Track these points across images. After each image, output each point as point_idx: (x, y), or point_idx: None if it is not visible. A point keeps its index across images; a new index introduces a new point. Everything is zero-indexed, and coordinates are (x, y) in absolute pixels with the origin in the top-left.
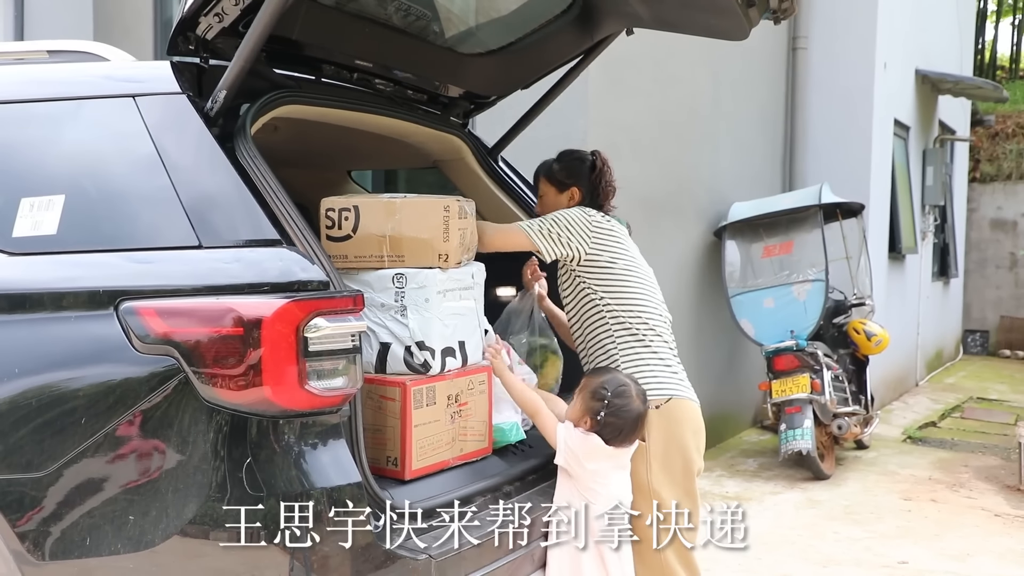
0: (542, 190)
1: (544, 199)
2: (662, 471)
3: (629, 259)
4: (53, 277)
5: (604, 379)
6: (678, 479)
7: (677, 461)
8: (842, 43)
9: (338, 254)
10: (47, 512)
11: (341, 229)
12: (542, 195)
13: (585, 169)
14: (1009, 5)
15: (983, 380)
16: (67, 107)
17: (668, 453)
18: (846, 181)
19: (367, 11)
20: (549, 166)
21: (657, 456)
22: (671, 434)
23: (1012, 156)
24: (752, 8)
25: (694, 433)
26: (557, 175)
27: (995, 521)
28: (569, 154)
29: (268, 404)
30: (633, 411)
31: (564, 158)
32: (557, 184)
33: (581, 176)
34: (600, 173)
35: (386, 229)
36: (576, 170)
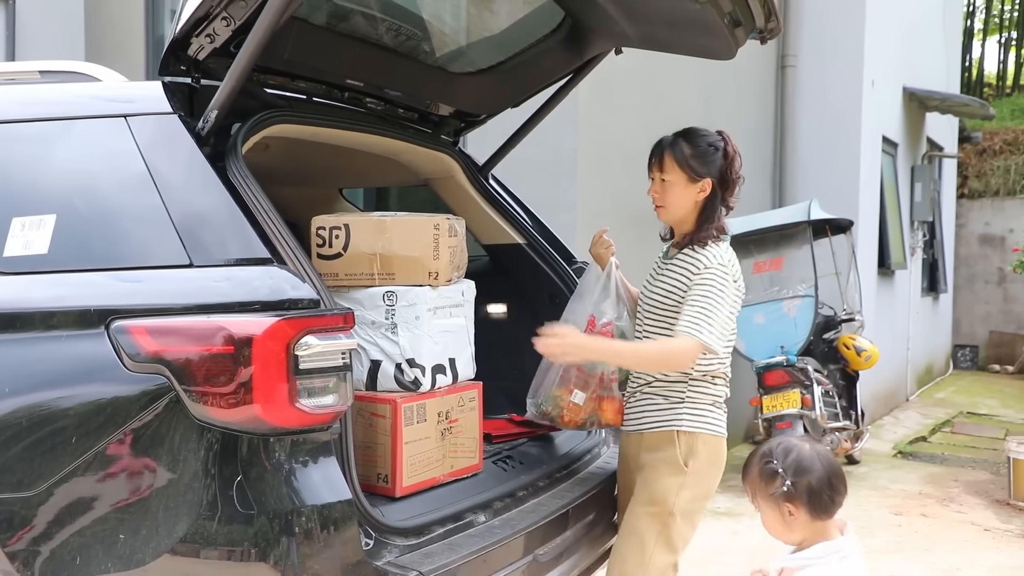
0: (670, 176)
1: (671, 189)
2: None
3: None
4: (44, 296)
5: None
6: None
7: (701, 499)
8: (830, 61)
9: (329, 272)
10: (37, 531)
11: (332, 247)
12: (670, 183)
13: (719, 159)
14: (996, 23)
15: (973, 395)
16: (58, 127)
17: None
18: (835, 197)
19: (358, 31)
20: (680, 148)
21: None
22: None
23: (1000, 172)
24: (739, 28)
25: (720, 473)
26: (691, 162)
27: (985, 535)
28: (701, 137)
29: (259, 422)
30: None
31: (697, 141)
32: (690, 172)
33: (715, 166)
34: (731, 162)
35: (376, 247)
36: (711, 159)
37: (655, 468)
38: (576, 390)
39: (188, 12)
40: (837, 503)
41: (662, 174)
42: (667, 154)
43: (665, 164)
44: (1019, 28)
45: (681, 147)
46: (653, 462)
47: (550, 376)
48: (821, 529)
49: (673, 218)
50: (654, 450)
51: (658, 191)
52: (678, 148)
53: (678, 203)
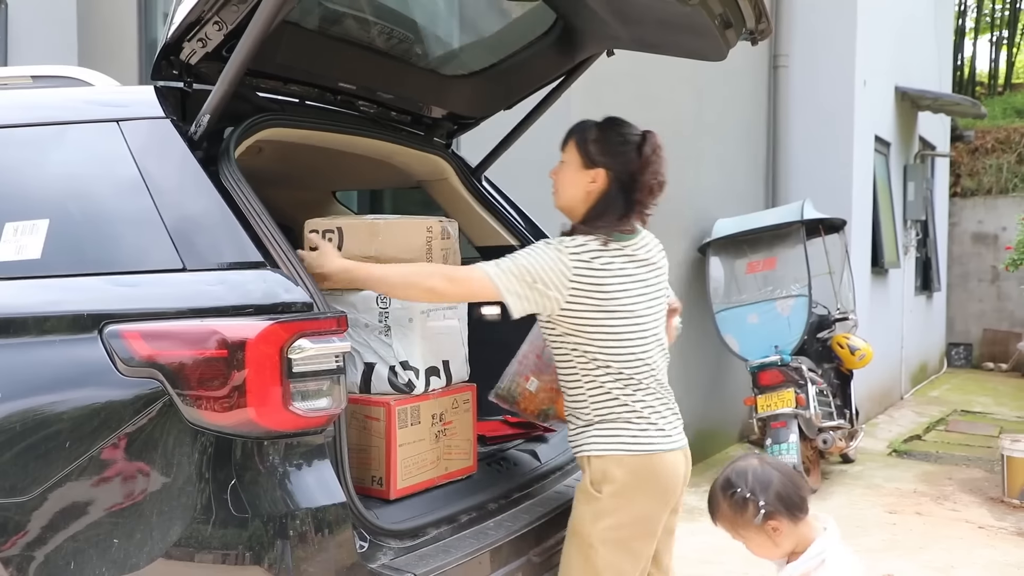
0: (566, 156)
1: (564, 168)
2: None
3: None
4: (37, 301)
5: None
6: (625, 541)
7: (629, 525)
8: (823, 61)
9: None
10: (31, 536)
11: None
12: (564, 162)
13: (628, 153)
14: (987, 23)
15: (967, 393)
16: (51, 132)
17: (622, 512)
18: (828, 197)
19: (350, 34)
20: (586, 131)
21: (608, 512)
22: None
23: (992, 171)
24: (729, 29)
25: (663, 492)
26: (590, 147)
27: (979, 533)
28: (615, 127)
29: (252, 425)
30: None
31: (607, 129)
32: (585, 157)
33: (618, 159)
34: (646, 162)
35: (370, 250)
36: (615, 150)
37: (576, 494)
38: (532, 377)
39: (180, 17)
40: (805, 497)
41: (563, 153)
42: (571, 133)
43: (566, 143)
44: (1010, 27)
45: (588, 131)
46: (577, 487)
47: (514, 364)
48: (805, 530)
49: (560, 204)
50: (580, 472)
51: (554, 172)
52: (584, 130)
53: (565, 189)
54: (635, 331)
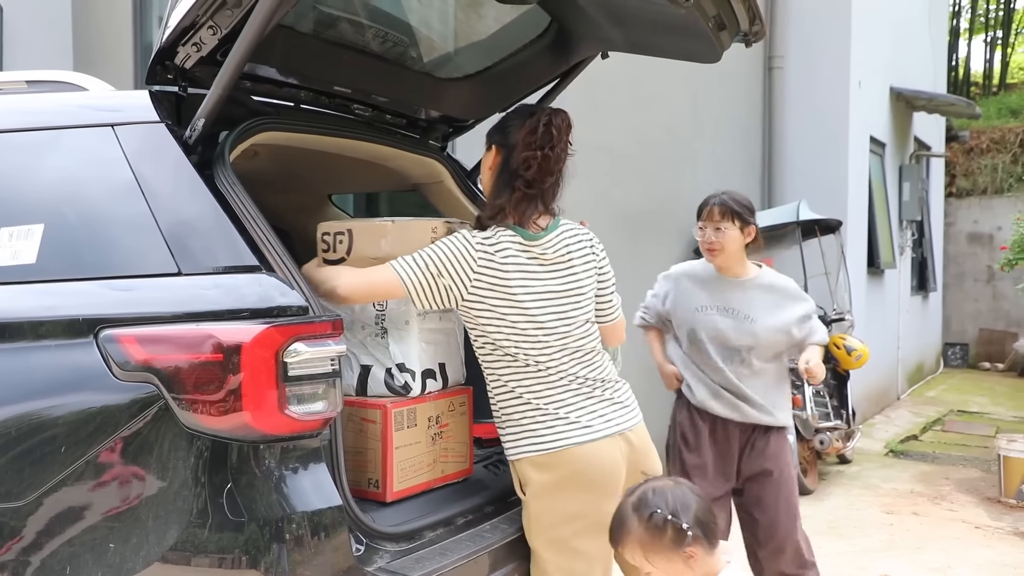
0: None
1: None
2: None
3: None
4: (32, 306)
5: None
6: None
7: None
8: (818, 62)
9: None
10: (27, 541)
11: (336, 252)
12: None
13: (515, 126)
14: (981, 23)
15: (964, 393)
16: (46, 137)
17: (550, 513)
18: (824, 198)
19: (345, 38)
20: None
21: (537, 516)
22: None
23: (987, 171)
24: (723, 32)
25: (594, 484)
26: (491, 130)
27: (976, 533)
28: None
29: (248, 429)
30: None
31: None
32: (487, 139)
33: (505, 132)
34: (527, 134)
35: (378, 251)
36: (505, 124)
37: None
38: None
39: (174, 21)
40: (719, 524)
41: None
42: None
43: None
44: (1004, 27)
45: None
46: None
47: None
48: (713, 560)
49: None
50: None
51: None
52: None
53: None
54: (536, 332)
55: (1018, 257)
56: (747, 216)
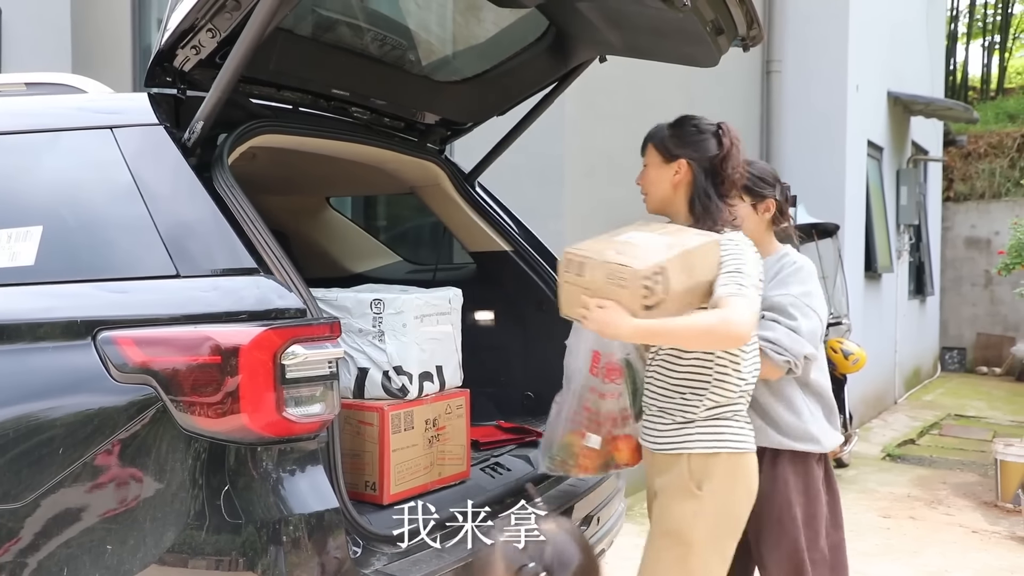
0: (647, 158)
1: (647, 170)
2: (712, 528)
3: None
4: (31, 308)
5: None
6: (720, 540)
7: (724, 524)
8: (815, 66)
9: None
10: (24, 543)
11: (656, 295)
12: (646, 164)
13: (705, 142)
14: (979, 27)
15: (961, 397)
16: (45, 139)
17: (726, 513)
18: (821, 201)
19: (343, 41)
20: (660, 130)
21: (713, 513)
22: (728, 494)
23: (984, 175)
24: (721, 36)
25: (751, 493)
26: (666, 142)
27: (972, 537)
28: (687, 121)
29: (246, 431)
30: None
31: (681, 123)
32: (663, 152)
33: (696, 148)
34: (728, 154)
35: (690, 280)
36: (690, 139)
37: (666, 494)
38: (589, 433)
39: (173, 24)
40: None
41: (643, 158)
42: (648, 137)
43: (646, 147)
44: (1002, 32)
45: (662, 129)
46: (664, 487)
47: (560, 424)
48: None
49: (653, 205)
50: (663, 472)
51: (640, 177)
52: (659, 130)
53: (652, 187)
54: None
55: (1015, 261)
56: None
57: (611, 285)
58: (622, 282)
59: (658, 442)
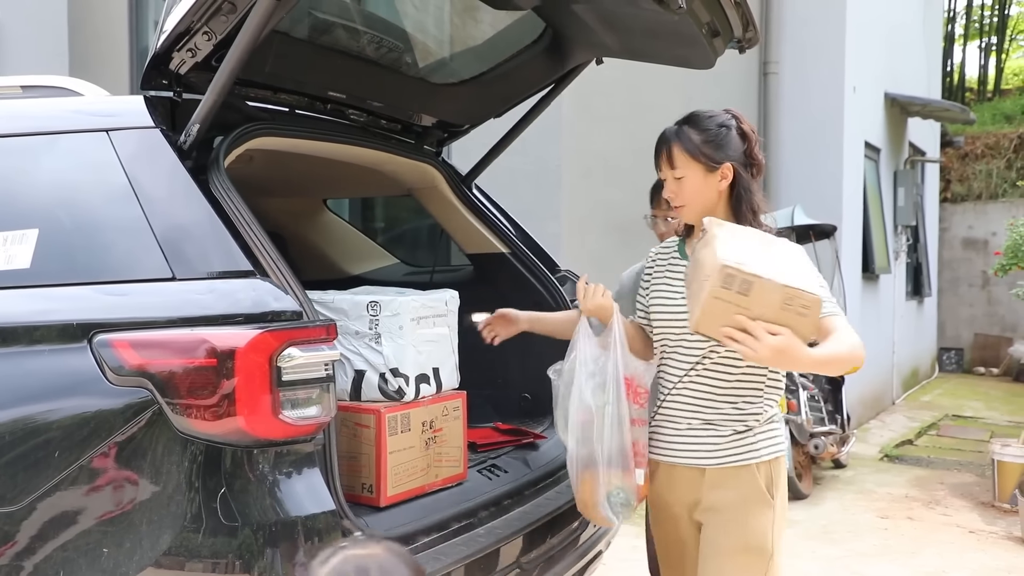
0: (683, 170)
1: (688, 185)
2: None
3: None
4: (27, 311)
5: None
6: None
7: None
8: (812, 67)
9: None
10: (20, 546)
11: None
12: (682, 177)
13: (735, 139)
14: (976, 29)
15: (958, 397)
16: (41, 142)
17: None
18: (819, 203)
19: (340, 44)
20: (688, 137)
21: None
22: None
23: (982, 176)
24: (717, 38)
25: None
26: (704, 149)
27: (970, 538)
28: (708, 119)
29: (242, 434)
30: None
31: (704, 124)
32: (706, 161)
33: (732, 147)
34: (752, 143)
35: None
36: (724, 140)
37: (740, 508)
38: (637, 469)
39: (170, 27)
40: None
41: (674, 171)
42: (676, 147)
43: (676, 159)
44: (999, 33)
45: (689, 136)
46: (732, 501)
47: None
48: None
49: (694, 215)
50: (722, 487)
51: (674, 191)
52: (686, 138)
53: (699, 199)
54: None
55: (1011, 262)
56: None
57: (788, 312)
58: (804, 311)
59: (714, 456)
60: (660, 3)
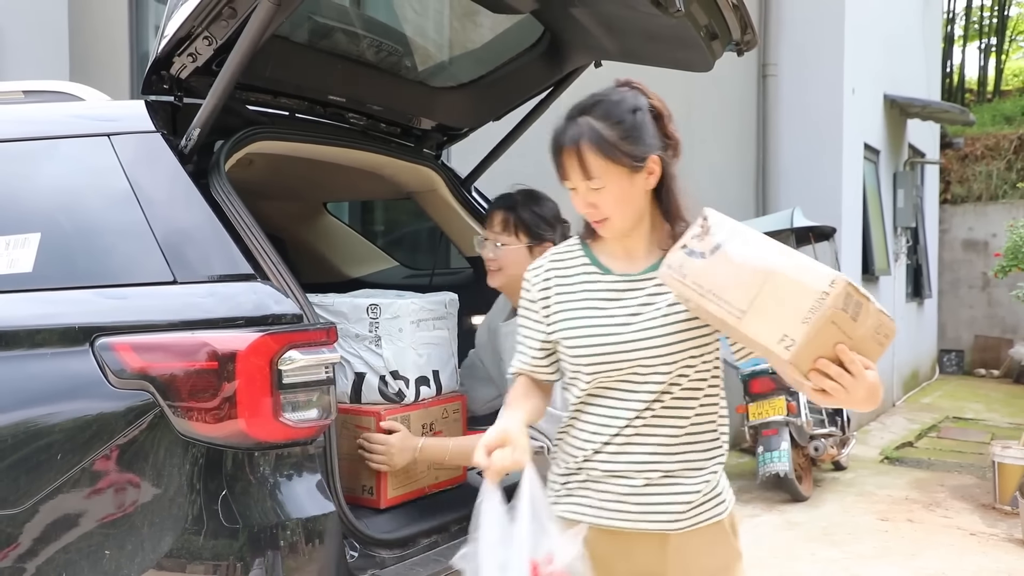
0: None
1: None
2: None
3: None
4: (29, 314)
5: None
6: None
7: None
8: (811, 69)
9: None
10: (23, 549)
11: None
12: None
13: (650, 121)
14: (975, 30)
15: (959, 399)
16: (42, 146)
17: None
18: (818, 205)
19: (339, 48)
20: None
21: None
22: None
23: (982, 178)
24: (715, 41)
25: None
26: (623, 146)
27: (970, 539)
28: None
29: (243, 437)
30: None
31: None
32: (629, 161)
33: (651, 133)
34: (665, 119)
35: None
36: (643, 127)
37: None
38: None
39: (170, 32)
40: None
41: (590, 181)
42: (588, 151)
43: (591, 165)
44: (999, 34)
45: (601, 134)
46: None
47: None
48: None
49: (624, 226)
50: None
51: (593, 203)
52: (598, 137)
53: (626, 208)
54: None
55: (1011, 264)
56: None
57: (875, 341)
58: (885, 340)
59: (683, 516)
60: (657, 6)
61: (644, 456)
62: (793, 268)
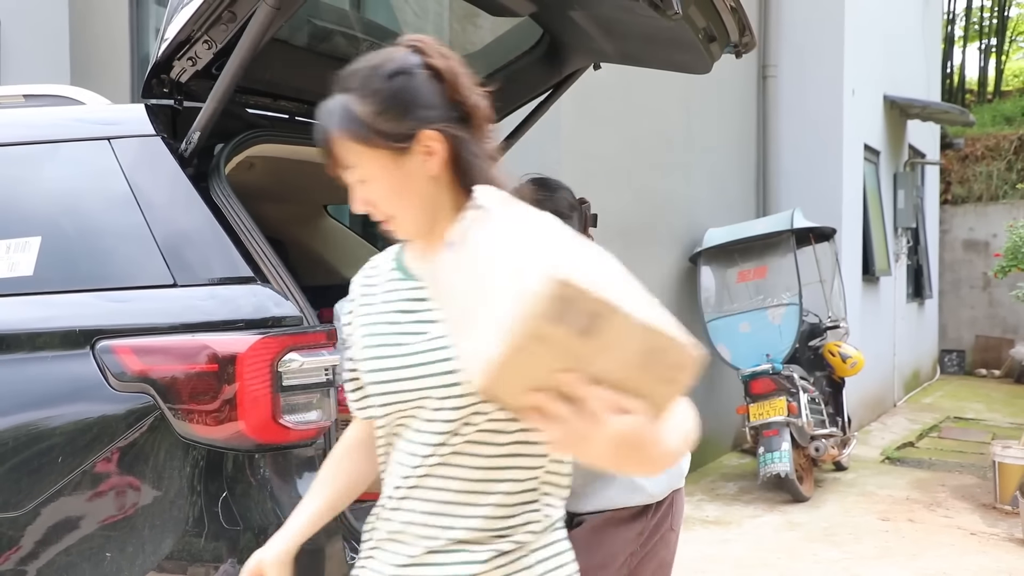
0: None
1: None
2: None
3: None
4: (30, 317)
5: None
6: None
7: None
8: (811, 70)
9: None
10: (25, 551)
11: None
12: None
13: (424, 85)
14: (976, 30)
15: (960, 399)
16: (43, 150)
17: None
18: (818, 206)
19: (339, 50)
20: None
21: None
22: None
23: (982, 178)
24: (713, 43)
25: None
26: (379, 124)
27: (971, 539)
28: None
29: (243, 439)
30: None
31: (370, 82)
32: (386, 141)
33: (425, 101)
34: (456, 86)
35: None
36: (410, 95)
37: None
38: None
39: (170, 36)
40: None
41: (348, 171)
42: (335, 132)
43: (341, 151)
44: (999, 35)
45: (350, 111)
46: None
47: None
48: None
49: (421, 224)
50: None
51: (365, 199)
52: (347, 116)
53: (405, 199)
54: None
55: (1011, 264)
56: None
57: (653, 375)
58: (673, 373)
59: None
60: (655, 9)
61: (426, 512)
62: (522, 260)
